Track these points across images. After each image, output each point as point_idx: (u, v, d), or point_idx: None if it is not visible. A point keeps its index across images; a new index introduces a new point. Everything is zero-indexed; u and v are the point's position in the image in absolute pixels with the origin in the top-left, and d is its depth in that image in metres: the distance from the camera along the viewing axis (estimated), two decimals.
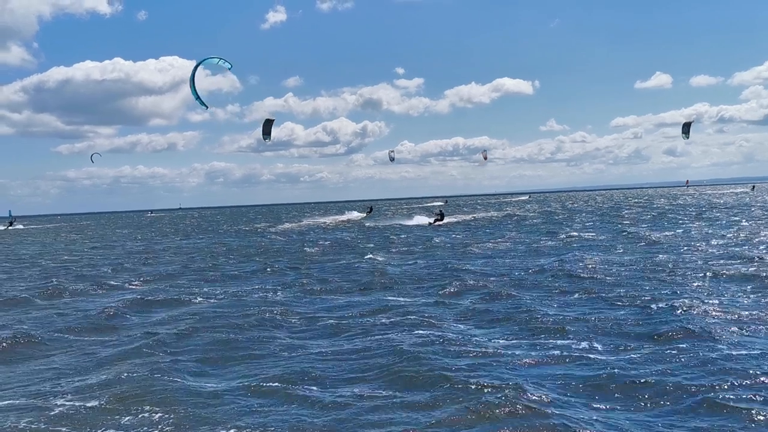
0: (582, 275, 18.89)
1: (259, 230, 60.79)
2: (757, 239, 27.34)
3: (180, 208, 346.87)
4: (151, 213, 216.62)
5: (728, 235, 29.56)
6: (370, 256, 27.54)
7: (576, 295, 15.83)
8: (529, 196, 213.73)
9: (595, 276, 18.63)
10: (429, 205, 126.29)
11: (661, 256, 22.73)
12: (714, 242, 26.81)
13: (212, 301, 17.54)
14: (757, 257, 20.82)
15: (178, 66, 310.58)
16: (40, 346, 12.87)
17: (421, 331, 12.42)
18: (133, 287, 21.44)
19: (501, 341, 11.69)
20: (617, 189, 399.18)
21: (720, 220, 42.29)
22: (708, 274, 17.94)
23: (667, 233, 32.52)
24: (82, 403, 8.93)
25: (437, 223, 53.10)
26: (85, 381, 10.09)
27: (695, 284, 16.56)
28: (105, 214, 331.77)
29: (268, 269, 24.41)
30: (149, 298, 18.25)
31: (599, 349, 10.88)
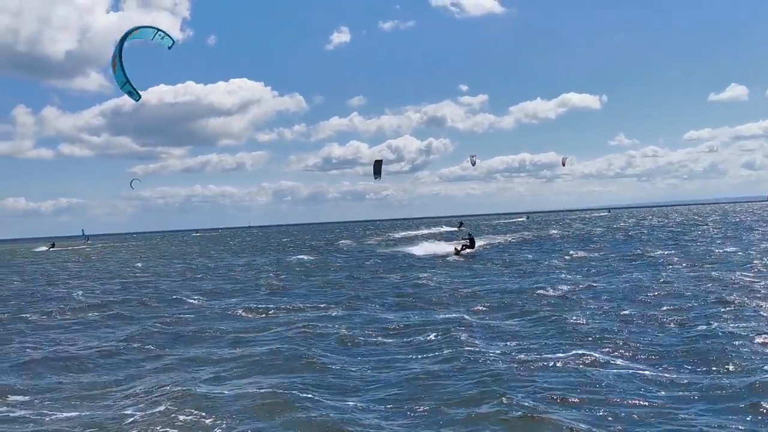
0: None
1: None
2: None
3: (250, 226, 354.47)
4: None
5: None
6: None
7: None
8: (609, 211, 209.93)
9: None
10: (499, 221, 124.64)
11: None
12: None
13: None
14: None
15: (247, 88, 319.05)
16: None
17: None
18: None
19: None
20: (693, 204, 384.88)
21: None
22: None
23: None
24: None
25: (466, 250, 39.57)
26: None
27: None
28: (177, 232, 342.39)
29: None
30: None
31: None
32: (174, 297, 24.35)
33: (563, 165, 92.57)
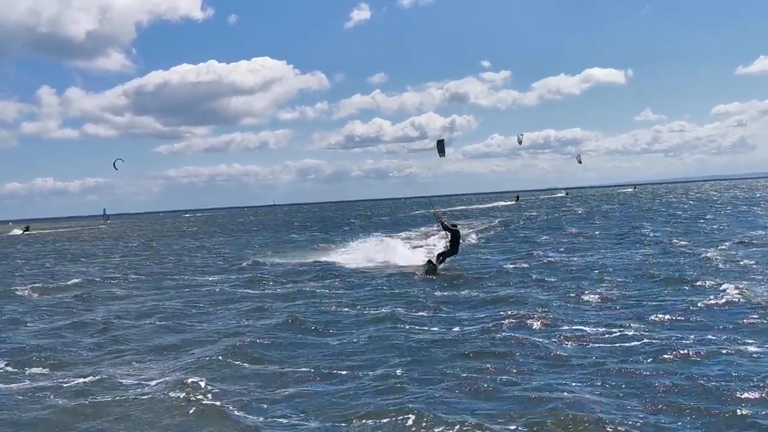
0: None
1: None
2: None
3: (274, 204, 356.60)
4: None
5: None
6: None
7: None
8: (635, 187, 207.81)
9: None
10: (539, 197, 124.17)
11: None
12: None
13: None
14: None
15: (269, 67, 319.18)
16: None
17: None
18: None
19: None
20: (721, 180, 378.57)
21: None
22: None
23: None
24: None
25: (444, 262, 22.52)
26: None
27: None
28: (204, 210, 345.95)
29: None
30: None
31: None
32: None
33: (579, 162, 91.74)
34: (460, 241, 23.31)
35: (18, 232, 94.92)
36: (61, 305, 18.72)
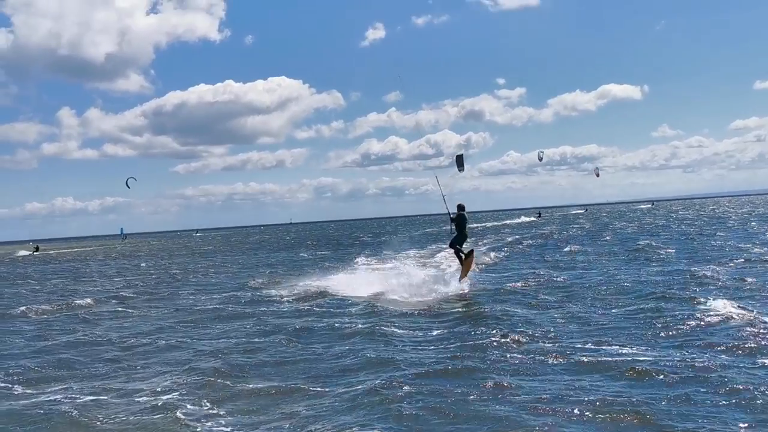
0: None
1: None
2: None
3: (291, 223, 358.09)
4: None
5: None
6: None
7: None
8: (652, 204, 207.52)
9: None
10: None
11: None
12: None
13: None
14: None
15: (285, 86, 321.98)
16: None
17: None
18: None
19: None
20: (740, 195, 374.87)
21: None
22: None
23: None
24: None
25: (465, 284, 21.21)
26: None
27: None
28: (221, 229, 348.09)
29: None
30: None
31: None
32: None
33: (597, 176, 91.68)
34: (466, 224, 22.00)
35: (26, 252, 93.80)
36: (61, 324, 18.90)
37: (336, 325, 15.85)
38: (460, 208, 22.01)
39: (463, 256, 21.60)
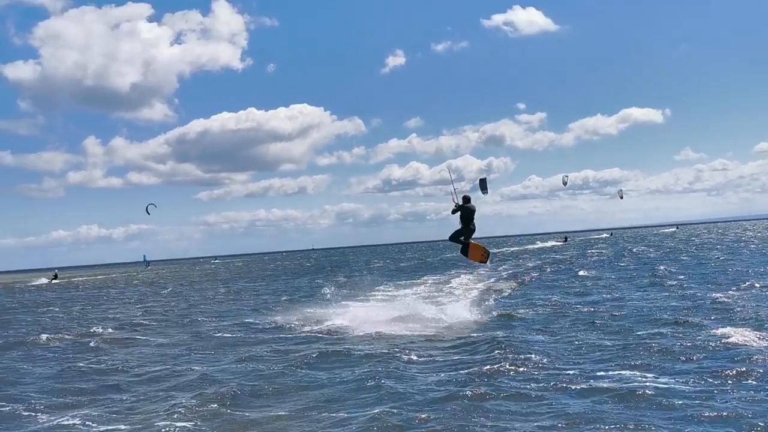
0: None
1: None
2: None
3: (313, 249, 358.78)
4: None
5: None
6: None
7: None
8: (677, 227, 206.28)
9: None
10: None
11: None
12: None
13: None
14: None
15: (307, 113, 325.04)
16: None
17: None
18: None
19: None
20: (766, 219, 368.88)
21: None
22: None
23: None
24: None
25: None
26: None
27: None
28: (243, 255, 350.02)
29: None
30: None
31: None
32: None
33: (620, 198, 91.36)
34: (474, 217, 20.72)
35: (45, 280, 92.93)
36: (77, 352, 19.24)
37: (347, 353, 15.93)
38: (466, 200, 20.77)
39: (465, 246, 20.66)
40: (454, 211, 20.64)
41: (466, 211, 20.53)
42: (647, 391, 10.48)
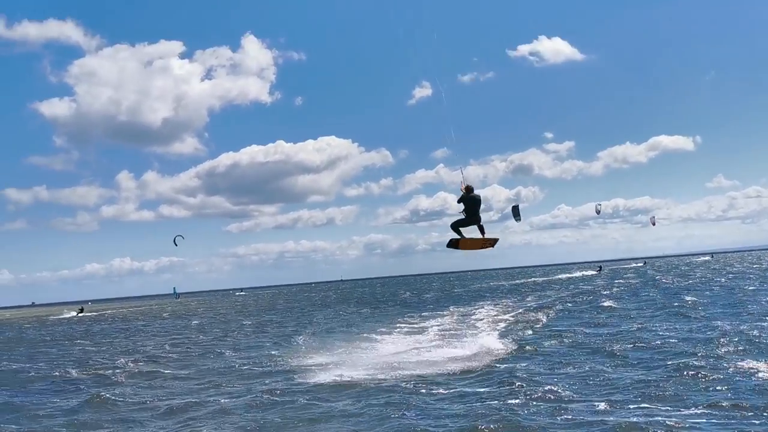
0: None
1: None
2: None
3: (341, 280, 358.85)
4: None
5: None
6: None
7: None
8: (712, 256, 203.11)
9: None
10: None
11: None
12: None
13: None
14: None
15: (335, 145, 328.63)
16: None
17: None
18: None
19: None
20: None
21: None
22: None
23: None
24: None
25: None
26: None
27: None
28: (272, 287, 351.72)
29: None
30: None
31: None
32: None
33: (653, 224, 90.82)
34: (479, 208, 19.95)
35: (72, 314, 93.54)
36: (97, 385, 19.59)
37: (365, 385, 16.07)
38: (469, 189, 19.73)
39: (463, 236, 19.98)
40: (459, 201, 19.80)
41: (470, 200, 19.69)
42: (662, 428, 10.45)
